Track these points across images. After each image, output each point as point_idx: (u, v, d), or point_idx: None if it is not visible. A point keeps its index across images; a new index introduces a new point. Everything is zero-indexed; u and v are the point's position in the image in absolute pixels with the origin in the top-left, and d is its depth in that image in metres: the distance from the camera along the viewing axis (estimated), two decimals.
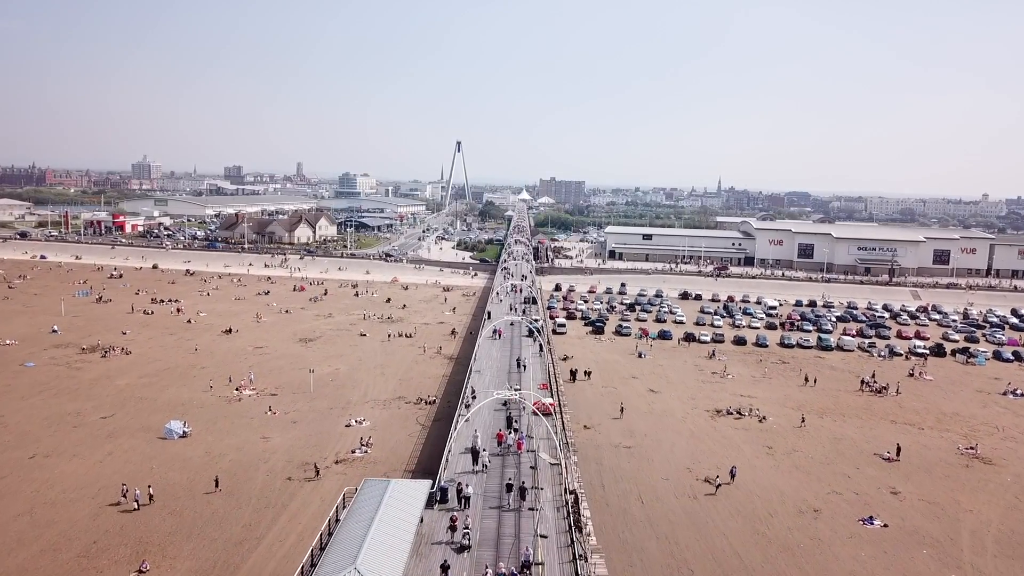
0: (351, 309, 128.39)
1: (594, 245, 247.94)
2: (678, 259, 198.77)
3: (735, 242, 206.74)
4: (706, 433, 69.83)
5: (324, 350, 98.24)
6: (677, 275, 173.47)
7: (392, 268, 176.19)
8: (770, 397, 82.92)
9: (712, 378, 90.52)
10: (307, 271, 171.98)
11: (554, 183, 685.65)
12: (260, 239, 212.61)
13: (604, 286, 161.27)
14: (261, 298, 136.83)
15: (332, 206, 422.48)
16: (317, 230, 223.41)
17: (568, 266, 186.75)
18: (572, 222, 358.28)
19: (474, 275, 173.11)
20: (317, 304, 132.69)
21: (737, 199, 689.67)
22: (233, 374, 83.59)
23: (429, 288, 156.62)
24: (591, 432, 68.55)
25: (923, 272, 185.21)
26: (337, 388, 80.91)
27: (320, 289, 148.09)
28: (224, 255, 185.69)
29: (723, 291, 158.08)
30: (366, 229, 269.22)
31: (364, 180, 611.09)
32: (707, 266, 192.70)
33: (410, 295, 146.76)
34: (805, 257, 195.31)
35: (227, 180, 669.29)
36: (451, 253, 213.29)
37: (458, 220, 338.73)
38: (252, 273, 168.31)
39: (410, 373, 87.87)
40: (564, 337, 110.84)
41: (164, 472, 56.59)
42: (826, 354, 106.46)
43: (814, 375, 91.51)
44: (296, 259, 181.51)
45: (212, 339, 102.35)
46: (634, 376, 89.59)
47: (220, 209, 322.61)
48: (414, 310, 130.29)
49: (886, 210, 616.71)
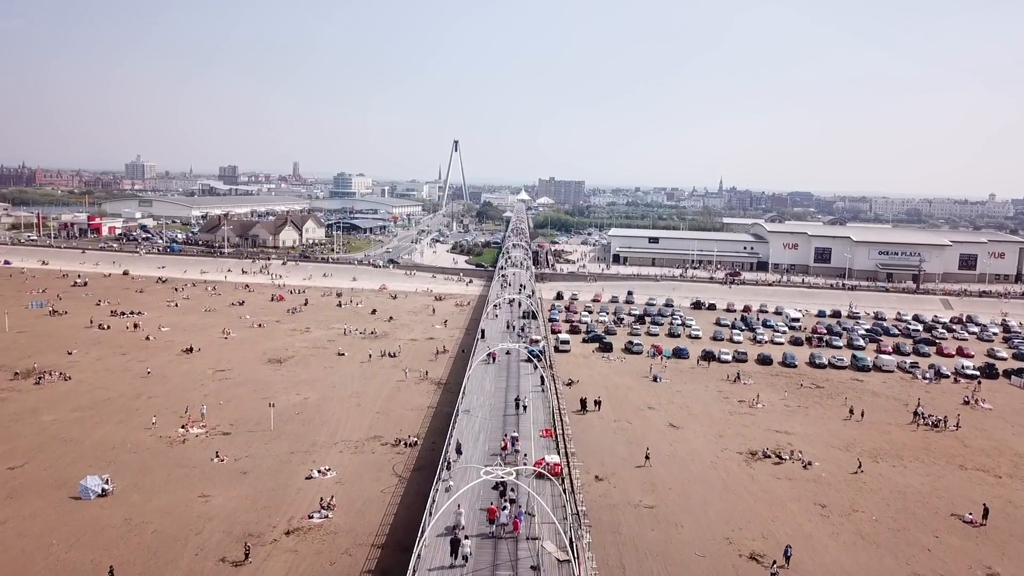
0: (332, 322, 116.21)
1: (596, 248, 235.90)
2: (687, 264, 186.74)
3: (746, 246, 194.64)
4: (742, 484, 57.73)
5: (295, 374, 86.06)
6: (688, 282, 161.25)
7: (381, 275, 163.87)
8: (811, 433, 70.84)
9: (740, 408, 78.45)
10: (289, 278, 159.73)
11: (553, 183, 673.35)
12: (243, 243, 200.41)
13: (609, 294, 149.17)
14: (234, 309, 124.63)
15: (325, 207, 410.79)
16: (304, 233, 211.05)
17: (570, 272, 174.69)
18: (572, 223, 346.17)
19: (469, 282, 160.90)
20: (295, 317, 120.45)
21: (739, 199, 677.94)
22: (184, 406, 71.53)
23: (420, 297, 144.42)
24: (605, 486, 56.44)
25: (948, 278, 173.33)
26: (303, 424, 68.76)
27: (301, 299, 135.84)
28: (201, 260, 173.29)
29: (738, 300, 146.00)
30: (357, 231, 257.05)
31: (359, 180, 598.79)
32: (717, 271, 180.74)
33: (398, 305, 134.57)
34: (822, 262, 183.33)
35: (221, 180, 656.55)
36: (446, 257, 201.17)
37: (454, 222, 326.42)
38: (230, 280, 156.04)
39: (390, 404, 75.71)
40: (568, 356, 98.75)
41: (64, 552, 44.42)
42: (863, 376, 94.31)
43: (859, 405, 79.45)
44: (278, 265, 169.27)
45: (169, 360, 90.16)
46: (650, 406, 77.49)
47: (207, 210, 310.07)
48: (401, 323, 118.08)
49: (891, 211, 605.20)
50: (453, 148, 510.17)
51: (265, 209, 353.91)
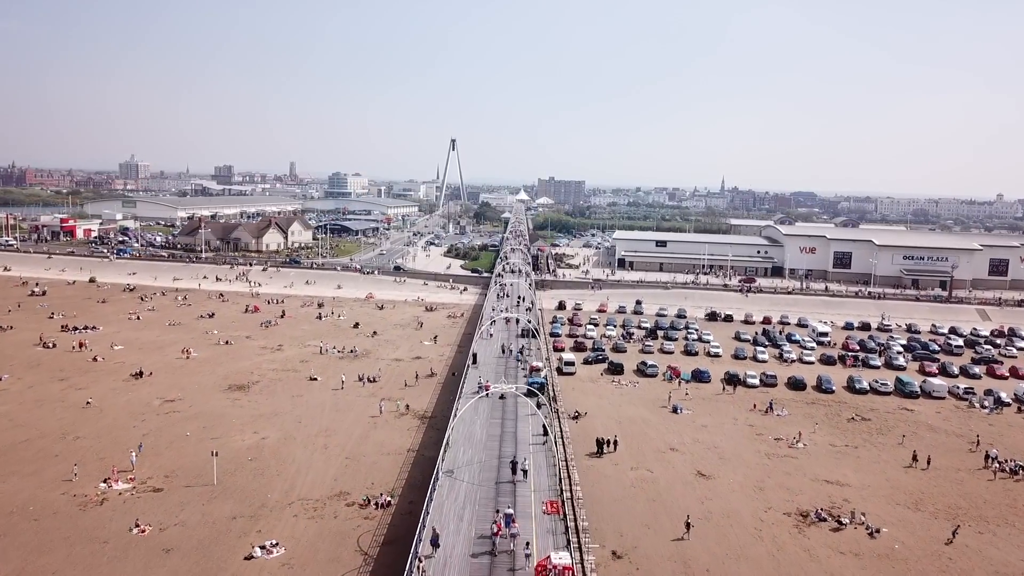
0: (308, 338, 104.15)
1: (599, 252, 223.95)
2: (697, 269, 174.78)
3: (760, 250, 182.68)
4: (798, 564, 45.73)
5: (256, 405, 74.02)
6: (701, 290, 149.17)
7: (368, 282, 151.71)
8: (868, 484, 58.86)
9: (777, 448, 66.44)
10: (269, 286, 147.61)
11: (553, 183, 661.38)
12: (224, 246, 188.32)
13: (616, 304, 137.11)
14: (202, 323, 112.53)
15: (318, 207, 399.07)
16: (289, 236, 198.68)
17: (572, 278, 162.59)
18: (573, 224, 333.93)
19: (463, 290, 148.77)
20: (268, 332, 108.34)
21: (742, 200, 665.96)
22: (118, 449, 59.57)
23: (409, 308, 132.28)
24: (625, 567, 44.44)
25: (978, 284, 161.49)
26: (255, 475, 56.75)
27: (278, 310, 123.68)
28: (175, 266, 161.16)
29: (756, 310, 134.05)
30: (348, 234, 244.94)
31: (355, 180, 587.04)
32: (730, 277, 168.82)
33: (385, 317, 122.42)
34: (841, 267, 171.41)
35: (214, 180, 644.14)
36: (440, 261, 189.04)
37: (450, 223, 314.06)
38: (204, 288, 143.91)
39: (363, 445, 63.66)
40: (573, 379, 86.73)
41: None
42: (912, 404, 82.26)
43: (917, 444, 67.47)
44: (258, 271, 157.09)
45: (113, 387, 78.12)
46: (672, 447, 65.47)
47: (193, 211, 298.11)
48: (386, 339, 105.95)
49: (897, 211, 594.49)
50: (451, 147, 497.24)
51: (255, 210, 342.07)
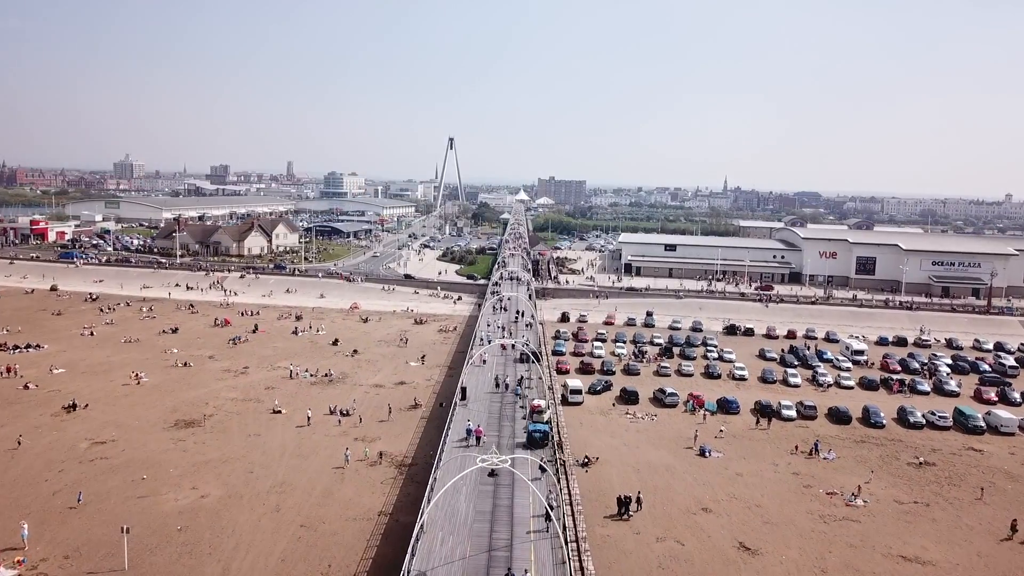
0: (279, 358, 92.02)
1: (603, 255, 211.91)
2: (710, 275, 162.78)
3: (776, 254, 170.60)
4: None
5: (203, 447, 61.90)
6: (716, 299, 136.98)
7: (354, 291, 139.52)
8: (957, 562, 46.74)
9: (832, 507, 54.29)
10: (246, 295, 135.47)
11: (553, 183, 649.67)
12: (202, 250, 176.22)
13: (624, 315, 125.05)
14: (163, 339, 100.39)
15: (311, 208, 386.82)
16: (274, 239, 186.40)
17: (575, 285, 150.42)
18: (575, 226, 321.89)
19: (458, 299, 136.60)
20: (235, 350, 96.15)
21: (746, 200, 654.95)
22: (12, 513, 47.55)
23: (396, 320, 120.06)
24: None
25: (1012, 292, 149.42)
26: (180, 553, 44.65)
27: (250, 324, 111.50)
28: (146, 273, 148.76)
29: (778, 322, 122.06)
30: (338, 236, 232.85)
31: (351, 180, 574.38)
32: (743, 283, 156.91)
33: (368, 332, 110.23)
34: (865, 273, 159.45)
35: (207, 180, 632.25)
36: (435, 266, 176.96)
37: (447, 224, 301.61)
38: (174, 297, 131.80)
39: (324, 508, 51.52)
40: (580, 410, 74.66)
41: None
42: (978, 442, 70.17)
43: (1004, 502, 55.37)
44: (235, 278, 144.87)
45: (37, 424, 66.04)
46: (705, 507, 53.33)
47: (180, 212, 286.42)
48: (367, 359, 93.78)
49: (904, 211, 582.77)
50: (448, 146, 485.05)
51: (245, 211, 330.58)
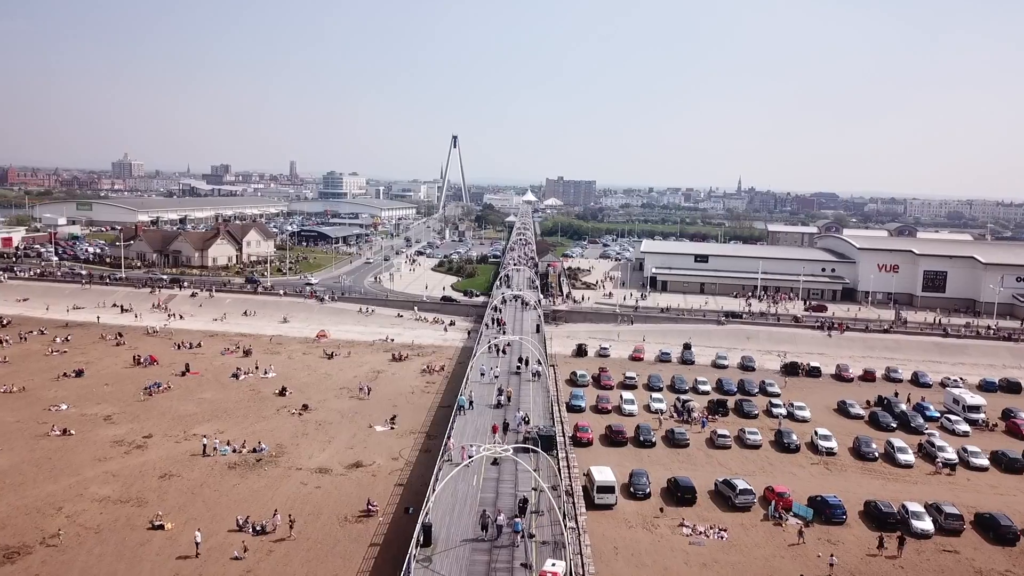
0: (199, 420, 68.18)
1: (620, 264, 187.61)
2: (748, 292, 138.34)
3: (826, 266, 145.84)
4: None
5: None
6: (765, 325, 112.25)
7: (324, 313, 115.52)
8: None
9: None
10: (194, 318, 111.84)
11: (562, 183, 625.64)
12: (160, 260, 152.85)
13: (655, 346, 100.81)
14: (58, 387, 76.70)
15: (305, 209, 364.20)
16: (244, 247, 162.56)
17: (592, 305, 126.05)
18: (586, 229, 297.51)
19: (450, 325, 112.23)
20: (147, 405, 72.30)
21: (763, 201, 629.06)
22: None
23: (371, 354, 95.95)
24: None
25: None
26: None
27: (184, 361, 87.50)
28: (80, 290, 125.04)
29: (846, 357, 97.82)
30: (325, 241, 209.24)
31: (352, 180, 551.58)
32: (787, 300, 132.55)
33: (331, 373, 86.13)
34: (933, 290, 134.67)
35: (204, 180, 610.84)
36: (428, 278, 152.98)
37: (448, 228, 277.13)
38: (103, 322, 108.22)
39: None
40: (612, 517, 50.54)
41: None
42: None
43: None
44: (186, 296, 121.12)
45: None
46: None
47: (158, 214, 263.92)
48: (319, 419, 69.74)
49: (929, 213, 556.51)
50: (452, 144, 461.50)
51: (232, 212, 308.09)
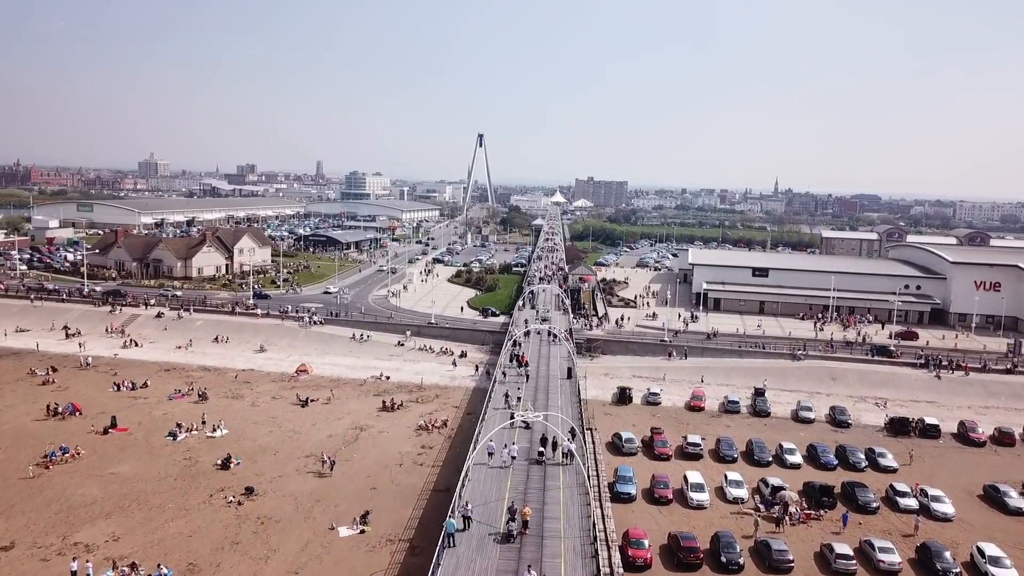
0: (96, 513, 48.69)
1: (661, 274, 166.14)
2: (819, 314, 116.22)
3: (910, 283, 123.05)
4: None
5: None
6: (854, 361, 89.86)
7: (310, 341, 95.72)
8: None
9: None
10: (155, 344, 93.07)
11: (592, 183, 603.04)
12: (140, 270, 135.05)
13: (717, 389, 79.68)
14: None
15: (323, 211, 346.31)
16: (236, 255, 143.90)
17: (633, 330, 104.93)
18: (620, 234, 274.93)
19: (460, 357, 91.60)
20: (30, 487, 53.07)
21: (803, 203, 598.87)
22: None
23: (357, 399, 75.99)
24: None
25: None
26: None
27: (115, 409, 68.37)
28: (33, 309, 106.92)
29: (963, 407, 75.79)
30: (335, 247, 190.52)
31: (375, 180, 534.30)
32: (863, 323, 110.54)
33: (299, 430, 66.21)
34: None
35: (225, 179, 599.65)
36: (443, 291, 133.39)
37: (470, 232, 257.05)
38: (44, 349, 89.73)
39: None
40: None
41: None
42: None
43: None
44: (150, 317, 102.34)
45: None
46: None
47: (164, 216, 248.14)
48: (263, 514, 49.59)
49: (980, 216, 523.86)
50: (477, 143, 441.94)
51: (245, 214, 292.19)
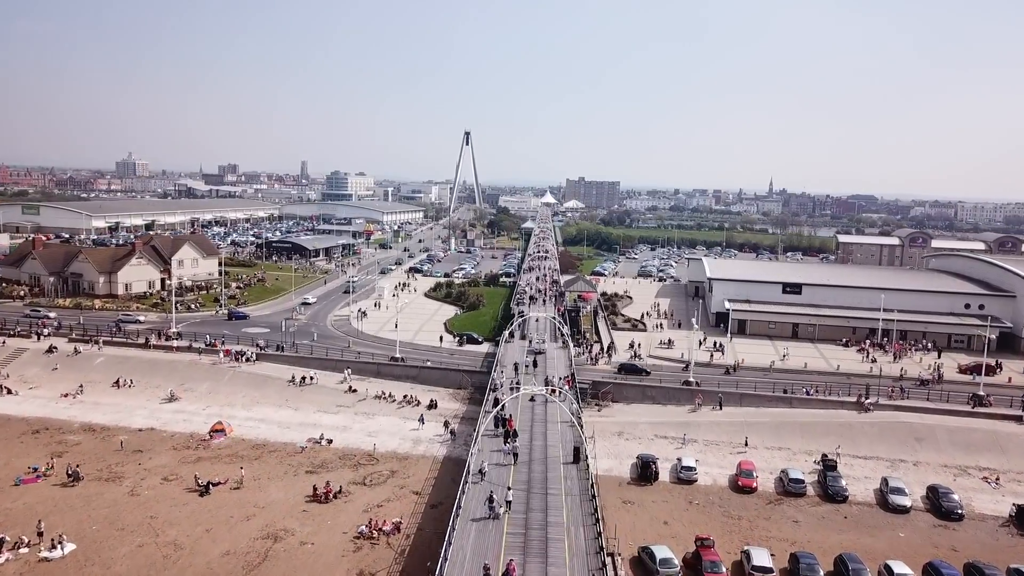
0: None
1: (666, 285, 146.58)
2: (864, 338, 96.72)
3: (971, 302, 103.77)
4: None
5: None
6: (938, 413, 70.12)
7: (237, 384, 75.27)
8: None
9: None
10: (38, 390, 72.27)
11: (583, 184, 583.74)
12: (58, 285, 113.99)
13: (768, 456, 59.96)
14: None
15: (298, 212, 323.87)
16: (175, 267, 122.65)
17: (650, 363, 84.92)
18: (615, 238, 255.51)
19: (428, 409, 70.96)
20: None
21: (800, 203, 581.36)
22: None
23: (279, 482, 55.61)
24: None
25: None
26: None
27: None
28: None
29: None
30: (301, 254, 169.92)
31: (359, 180, 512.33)
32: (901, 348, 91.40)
33: (184, 538, 45.63)
34: None
35: (202, 180, 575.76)
36: (419, 306, 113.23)
37: (454, 236, 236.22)
38: None
39: None
40: None
41: None
42: None
43: None
44: (39, 353, 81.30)
45: None
46: None
47: (118, 219, 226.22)
48: None
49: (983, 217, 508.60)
50: (464, 141, 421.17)
51: (212, 216, 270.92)
